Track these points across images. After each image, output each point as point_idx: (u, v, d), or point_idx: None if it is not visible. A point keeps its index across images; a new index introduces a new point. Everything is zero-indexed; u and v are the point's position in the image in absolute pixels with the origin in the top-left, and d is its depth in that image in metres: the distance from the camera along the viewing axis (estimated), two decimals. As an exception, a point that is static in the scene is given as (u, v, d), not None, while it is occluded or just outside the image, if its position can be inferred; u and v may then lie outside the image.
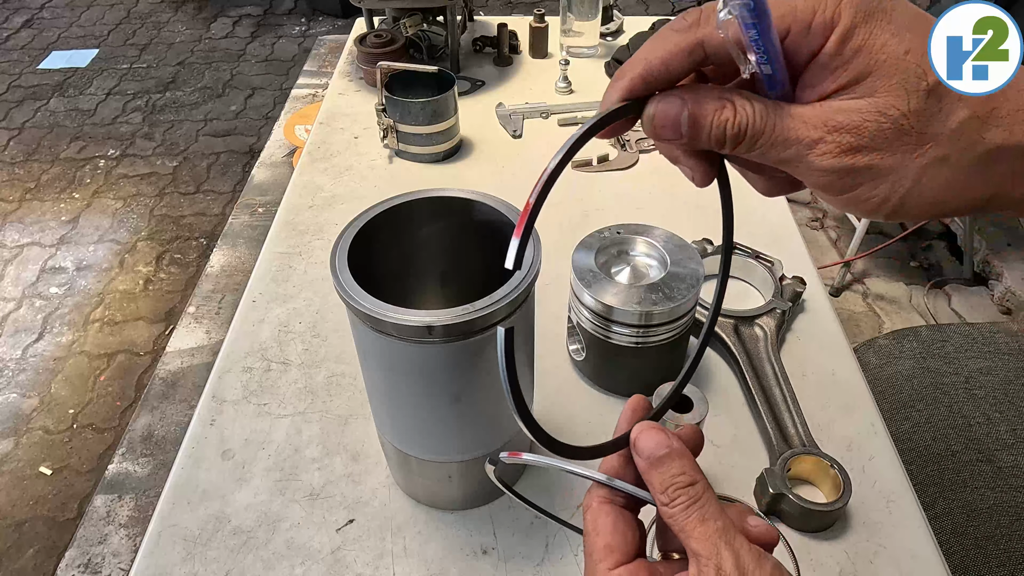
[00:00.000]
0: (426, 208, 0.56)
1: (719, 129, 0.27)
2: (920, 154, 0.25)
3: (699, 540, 0.29)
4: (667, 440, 0.32)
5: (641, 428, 0.33)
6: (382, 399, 0.56)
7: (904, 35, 0.25)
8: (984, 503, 0.83)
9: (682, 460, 0.31)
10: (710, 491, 0.31)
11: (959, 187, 0.26)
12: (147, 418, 1.77)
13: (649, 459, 0.32)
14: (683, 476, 0.31)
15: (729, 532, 0.29)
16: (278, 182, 2.45)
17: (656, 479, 0.31)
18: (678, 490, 0.30)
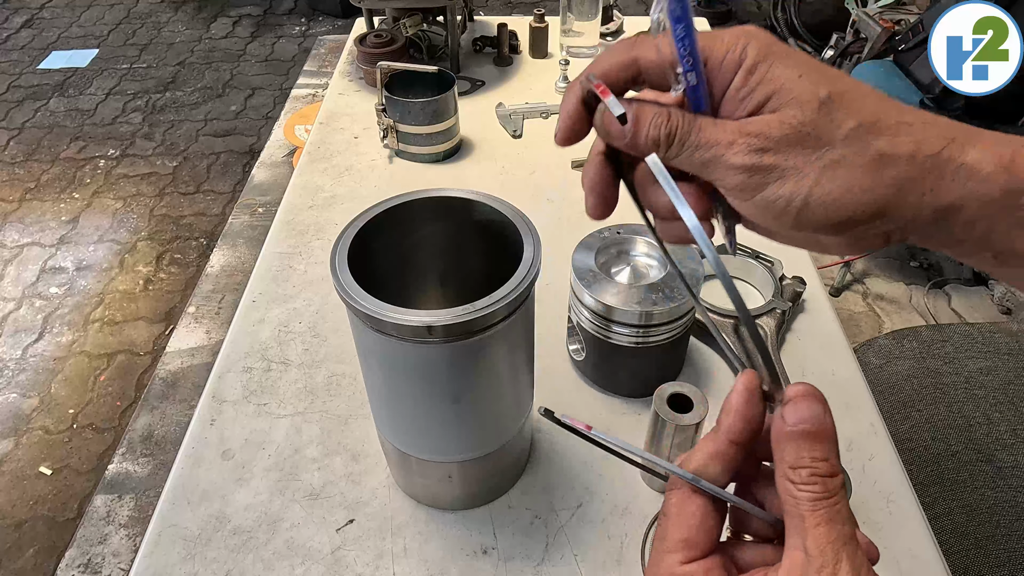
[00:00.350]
0: (426, 208, 0.56)
1: (656, 129, 0.31)
2: (818, 156, 0.29)
3: (818, 540, 0.27)
4: (824, 417, 0.28)
5: (804, 392, 0.29)
6: (382, 399, 0.56)
7: (796, 66, 0.30)
8: (984, 503, 0.83)
9: (831, 445, 0.28)
10: (844, 493, 0.28)
11: (855, 188, 0.29)
12: (147, 418, 1.77)
13: (797, 426, 0.28)
14: (826, 463, 0.28)
15: (853, 543, 0.27)
16: (278, 182, 2.45)
17: (793, 452, 0.28)
18: (816, 476, 0.27)
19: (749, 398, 0.30)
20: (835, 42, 2.36)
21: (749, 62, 0.30)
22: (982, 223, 0.30)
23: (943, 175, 0.29)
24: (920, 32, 1.91)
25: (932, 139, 0.29)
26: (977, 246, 0.31)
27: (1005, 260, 0.31)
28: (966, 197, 0.29)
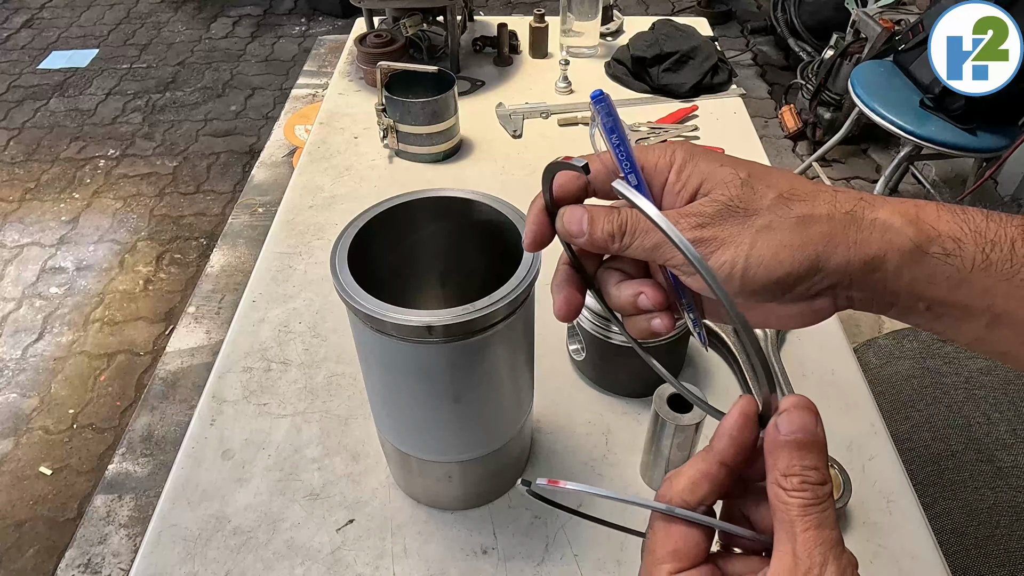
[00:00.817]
0: (426, 208, 0.56)
1: (608, 224, 0.35)
2: (749, 224, 0.33)
3: (807, 544, 0.28)
4: (815, 427, 0.30)
5: (798, 403, 0.31)
6: (382, 399, 0.56)
7: (717, 159, 0.35)
8: (984, 503, 0.83)
9: (821, 454, 0.30)
10: (832, 499, 0.30)
11: (786, 246, 0.33)
12: (147, 418, 1.77)
13: (790, 436, 0.30)
14: (816, 472, 0.29)
15: (840, 547, 0.29)
16: (278, 182, 2.45)
17: (785, 460, 0.29)
18: (806, 483, 0.29)
19: (745, 423, 0.32)
20: (835, 42, 2.36)
21: (678, 162, 0.35)
22: (905, 272, 0.33)
23: (860, 227, 0.33)
24: (920, 32, 1.91)
25: (843, 201, 0.33)
26: (909, 298, 0.34)
27: (938, 312, 0.34)
28: (886, 248, 0.32)
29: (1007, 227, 0.33)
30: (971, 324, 0.34)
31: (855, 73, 2.01)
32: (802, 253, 0.33)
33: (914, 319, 0.36)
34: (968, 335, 0.35)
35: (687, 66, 1.23)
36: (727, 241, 0.33)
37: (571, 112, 1.18)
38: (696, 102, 1.20)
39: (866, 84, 1.94)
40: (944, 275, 0.33)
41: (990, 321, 0.33)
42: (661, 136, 1.11)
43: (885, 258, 0.33)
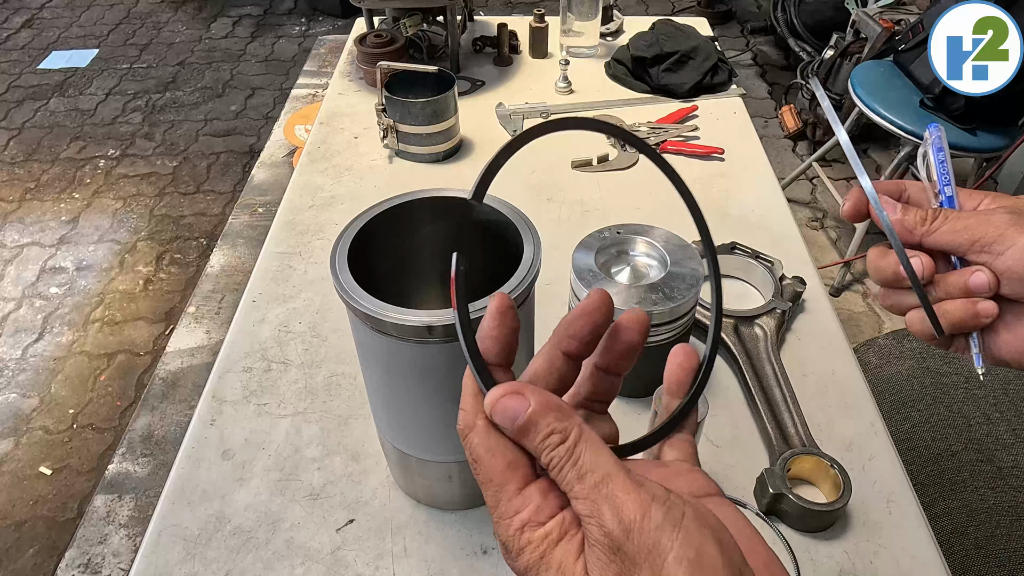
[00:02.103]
0: (426, 208, 0.56)
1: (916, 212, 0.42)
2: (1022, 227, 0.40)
3: (578, 500, 0.26)
4: (524, 402, 0.28)
5: (497, 395, 0.29)
6: (382, 399, 0.56)
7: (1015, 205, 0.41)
8: (984, 503, 0.83)
9: (547, 417, 0.28)
10: (587, 437, 0.28)
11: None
12: (147, 418, 1.77)
13: (514, 432, 0.28)
14: (553, 435, 0.27)
15: (611, 481, 0.26)
16: (278, 182, 2.45)
17: (529, 446, 0.28)
18: (551, 452, 0.27)
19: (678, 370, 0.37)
20: (835, 42, 2.36)
21: (986, 202, 0.42)
22: None
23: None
24: (920, 32, 1.91)
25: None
26: None
27: None
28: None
29: None
30: None
31: (855, 73, 2.01)
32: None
33: None
34: None
35: (687, 66, 1.23)
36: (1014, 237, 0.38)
37: (571, 112, 1.18)
38: (696, 102, 1.20)
39: (866, 84, 1.94)
40: None
41: None
42: (661, 136, 1.11)
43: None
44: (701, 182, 1.03)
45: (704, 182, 1.03)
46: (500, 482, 0.29)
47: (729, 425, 0.70)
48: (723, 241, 0.86)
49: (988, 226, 0.40)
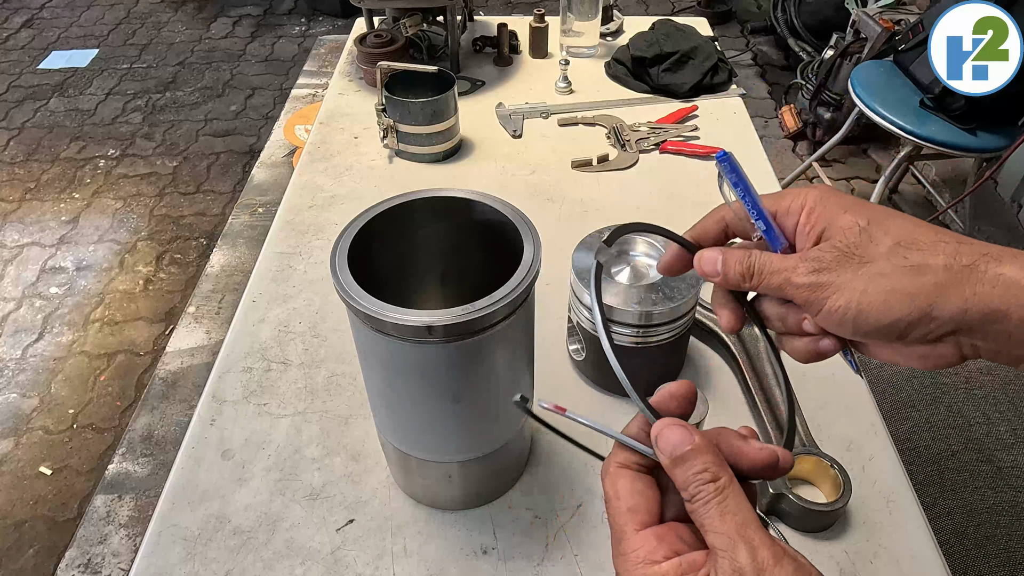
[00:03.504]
0: (426, 208, 0.56)
1: (740, 265, 0.38)
2: (864, 271, 0.35)
3: (717, 534, 0.30)
4: (689, 436, 0.32)
5: (663, 425, 0.33)
6: (382, 399, 0.56)
7: (843, 205, 0.37)
8: (984, 503, 0.83)
9: (705, 456, 0.32)
10: (734, 485, 0.31)
11: (898, 293, 0.34)
12: (147, 418, 1.77)
13: (671, 456, 0.32)
14: (706, 472, 0.31)
15: (750, 527, 0.29)
16: (278, 182, 2.45)
17: (679, 476, 0.32)
18: (700, 486, 0.31)
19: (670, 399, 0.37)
20: (835, 42, 2.36)
21: (808, 206, 0.38)
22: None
23: (982, 281, 0.33)
24: (920, 32, 1.91)
25: (965, 253, 0.34)
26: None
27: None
28: (1009, 303, 0.32)
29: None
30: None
31: (855, 73, 2.01)
32: (912, 301, 0.33)
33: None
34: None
35: (687, 66, 1.23)
36: (841, 287, 0.35)
37: (571, 112, 1.18)
38: (696, 102, 1.20)
39: (866, 84, 1.94)
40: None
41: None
42: (661, 136, 1.11)
43: (1008, 312, 0.32)
44: (701, 182, 1.03)
45: (704, 182, 1.03)
46: (621, 522, 0.33)
47: (729, 425, 0.70)
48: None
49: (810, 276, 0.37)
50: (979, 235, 2.07)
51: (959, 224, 2.11)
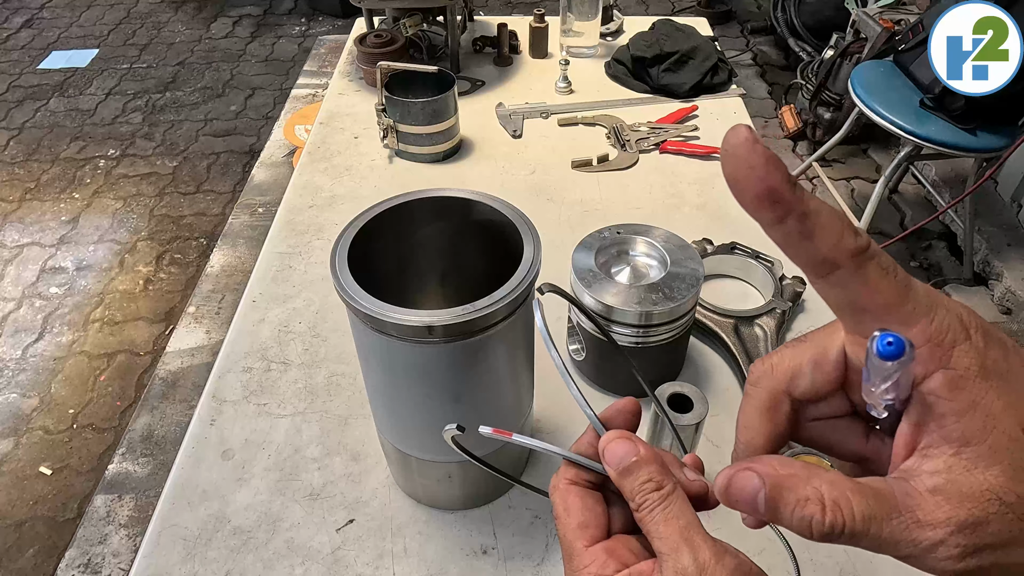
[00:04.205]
0: (426, 208, 0.56)
1: (803, 523, 0.24)
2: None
3: (662, 539, 0.30)
4: (634, 448, 0.32)
5: (608, 439, 0.34)
6: (382, 399, 0.56)
7: (1018, 404, 0.23)
8: (984, 503, 0.83)
9: (649, 466, 0.32)
10: (679, 491, 0.31)
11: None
12: (147, 418, 1.77)
13: (618, 468, 0.32)
14: (650, 482, 0.31)
15: (691, 530, 0.29)
16: (278, 182, 2.45)
17: (627, 486, 0.32)
18: (646, 495, 0.31)
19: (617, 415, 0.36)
20: (835, 42, 2.36)
21: (959, 371, 0.23)
22: None
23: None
24: (920, 32, 1.91)
25: None
26: None
27: None
28: None
29: None
30: None
31: (855, 73, 2.01)
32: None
33: None
34: None
35: (687, 66, 1.23)
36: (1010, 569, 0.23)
37: (571, 112, 1.18)
38: (696, 102, 1.20)
39: (866, 84, 1.94)
40: None
41: None
42: (661, 136, 1.11)
43: None
44: (701, 182, 1.03)
45: (704, 182, 1.03)
46: (571, 539, 0.34)
47: (729, 425, 0.70)
48: (723, 241, 0.86)
49: None
50: (979, 235, 2.07)
51: (959, 224, 2.11)
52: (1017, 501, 0.22)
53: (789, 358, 0.30)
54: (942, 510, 0.23)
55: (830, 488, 0.24)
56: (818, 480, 0.24)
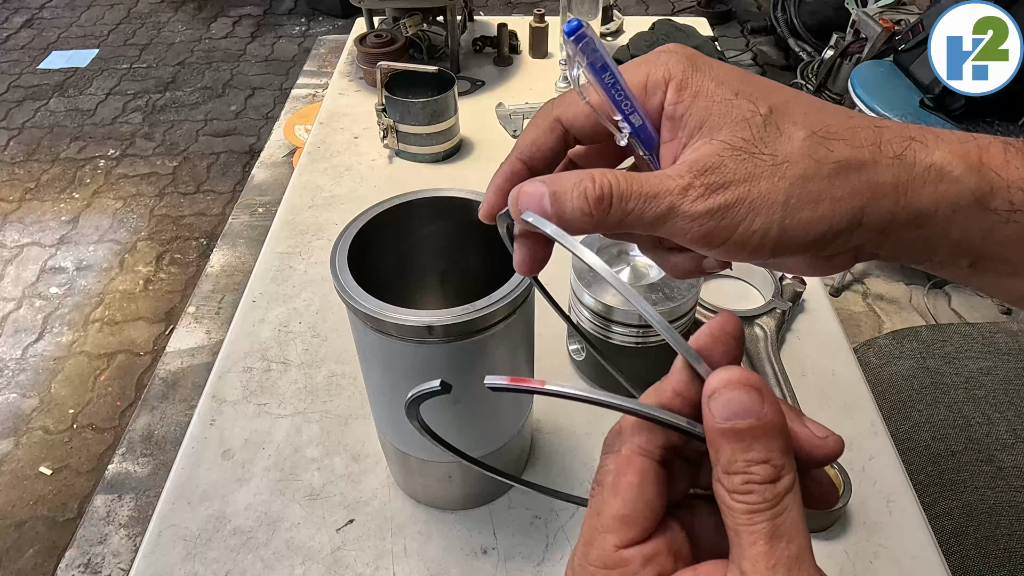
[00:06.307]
0: (426, 208, 0.56)
1: (581, 198, 0.27)
2: (781, 175, 0.26)
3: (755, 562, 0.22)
4: (759, 406, 0.23)
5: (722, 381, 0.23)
6: (382, 399, 0.56)
7: (726, 80, 0.28)
8: (984, 503, 0.83)
9: (771, 441, 0.23)
10: (796, 493, 0.23)
11: (828, 200, 0.26)
12: (147, 418, 1.77)
13: (727, 422, 0.23)
14: (763, 466, 0.22)
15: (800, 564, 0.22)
16: (278, 182, 2.45)
17: (726, 455, 0.23)
18: (751, 484, 0.22)
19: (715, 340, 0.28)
20: (835, 42, 2.36)
21: (678, 76, 0.28)
22: (956, 229, 0.27)
23: (912, 177, 0.27)
24: (920, 32, 1.91)
25: (891, 141, 0.27)
26: (952, 254, 0.28)
27: (983, 268, 0.29)
28: (939, 202, 0.27)
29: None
30: (1022, 281, 0.28)
31: (855, 73, 2.01)
32: (844, 207, 0.26)
33: (949, 273, 0.30)
34: (1013, 292, 0.30)
35: (687, 66, 1.23)
36: (756, 202, 0.26)
37: (571, 112, 1.18)
38: (696, 102, 1.20)
39: (866, 84, 1.94)
40: (1005, 232, 0.27)
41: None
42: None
43: (936, 213, 0.27)
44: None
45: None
46: (603, 530, 0.24)
47: (729, 425, 0.70)
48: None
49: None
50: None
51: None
52: (744, 144, 0.26)
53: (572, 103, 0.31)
54: (685, 164, 0.27)
55: (597, 170, 0.27)
56: (588, 170, 0.27)
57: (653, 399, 0.27)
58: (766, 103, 0.27)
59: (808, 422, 0.26)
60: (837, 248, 0.28)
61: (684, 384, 0.26)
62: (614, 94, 0.28)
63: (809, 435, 0.25)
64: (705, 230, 0.27)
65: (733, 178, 0.26)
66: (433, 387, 0.28)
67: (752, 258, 0.28)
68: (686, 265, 0.32)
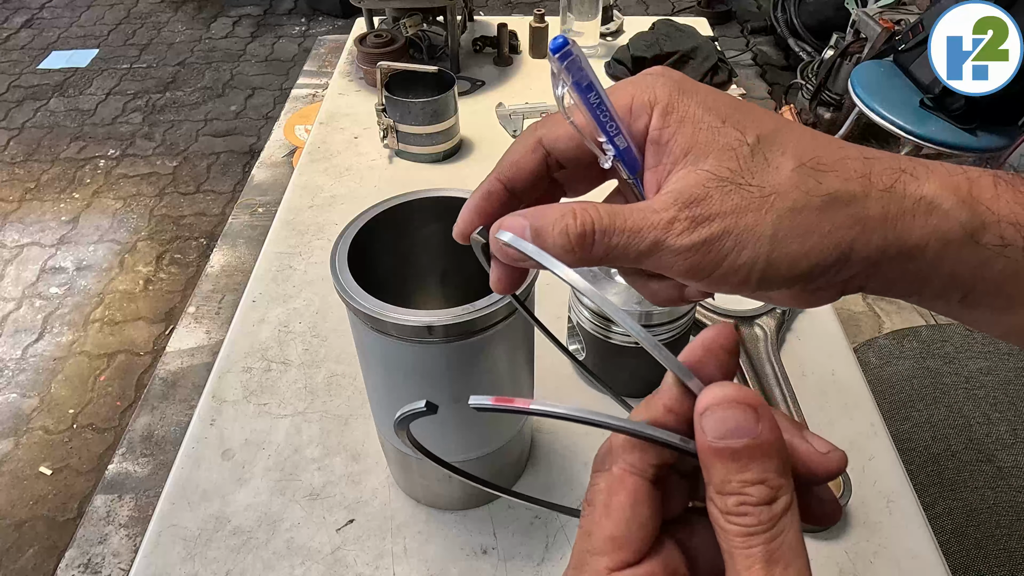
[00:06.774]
0: (426, 208, 0.56)
1: (563, 235, 0.26)
2: (768, 208, 0.26)
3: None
4: (752, 421, 0.21)
5: (715, 397, 0.22)
6: (382, 399, 0.56)
7: (714, 107, 0.27)
8: (984, 503, 0.83)
9: (767, 461, 0.21)
10: (793, 515, 0.21)
11: (817, 234, 0.26)
12: (147, 418, 1.77)
13: (720, 441, 0.22)
14: (759, 487, 0.21)
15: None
16: (278, 182, 2.45)
17: (719, 475, 0.22)
18: (746, 506, 0.21)
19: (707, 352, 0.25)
20: (835, 42, 2.36)
21: (663, 100, 0.28)
22: (947, 263, 0.27)
23: (903, 211, 0.26)
24: (920, 32, 1.91)
25: (881, 173, 0.27)
26: (944, 287, 0.28)
27: (975, 302, 0.28)
28: (929, 235, 0.26)
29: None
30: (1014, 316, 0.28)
31: (855, 73, 2.01)
32: (831, 241, 0.26)
33: (940, 307, 0.29)
34: (1005, 326, 0.29)
35: (687, 66, 1.23)
36: (743, 235, 0.25)
37: (571, 112, 1.18)
38: (696, 102, 1.20)
39: (866, 84, 1.94)
40: (996, 267, 0.26)
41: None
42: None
43: (927, 247, 0.26)
44: (701, 182, 1.03)
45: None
46: (596, 549, 0.23)
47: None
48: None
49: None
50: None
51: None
52: (731, 175, 0.26)
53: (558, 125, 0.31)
54: (670, 195, 0.26)
55: (579, 204, 0.27)
56: (570, 204, 0.27)
57: (644, 415, 0.25)
58: (754, 132, 0.27)
59: (810, 436, 0.25)
60: (824, 282, 0.27)
61: (675, 400, 0.25)
62: (599, 115, 0.27)
63: (810, 450, 0.24)
64: (690, 264, 0.26)
65: (719, 210, 0.26)
66: (419, 408, 0.28)
67: (737, 291, 0.28)
68: (667, 293, 0.31)
